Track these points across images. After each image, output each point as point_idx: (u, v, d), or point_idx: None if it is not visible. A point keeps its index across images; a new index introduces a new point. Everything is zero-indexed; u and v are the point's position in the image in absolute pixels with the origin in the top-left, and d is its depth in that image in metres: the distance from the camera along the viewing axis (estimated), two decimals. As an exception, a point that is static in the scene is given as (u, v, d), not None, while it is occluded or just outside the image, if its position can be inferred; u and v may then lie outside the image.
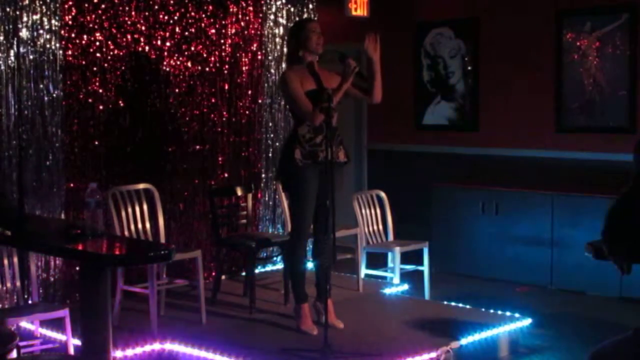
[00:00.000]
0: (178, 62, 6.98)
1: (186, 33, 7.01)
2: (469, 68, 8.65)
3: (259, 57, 7.56)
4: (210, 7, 7.16)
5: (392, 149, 9.25)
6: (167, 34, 6.88)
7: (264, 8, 7.56)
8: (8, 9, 5.85)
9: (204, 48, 7.14)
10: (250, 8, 7.48)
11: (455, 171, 8.66)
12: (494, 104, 8.49)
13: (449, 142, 8.83)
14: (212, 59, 7.21)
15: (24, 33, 5.94)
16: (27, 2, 5.93)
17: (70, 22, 6.29)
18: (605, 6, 7.68)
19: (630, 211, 3.33)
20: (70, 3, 6.28)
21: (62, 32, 6.20)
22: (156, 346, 5.40)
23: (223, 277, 6.72)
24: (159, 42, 6.84)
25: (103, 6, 6.46)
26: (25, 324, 5.54)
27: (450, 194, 8.41)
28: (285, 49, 7.66)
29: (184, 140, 7.06)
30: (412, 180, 8.93)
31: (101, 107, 6.52)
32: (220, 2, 7.24)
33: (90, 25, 6.41)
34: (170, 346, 5.40)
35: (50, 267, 6.14)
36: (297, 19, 7.73)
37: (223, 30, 7.28)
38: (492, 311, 6.14)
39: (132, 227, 6.05)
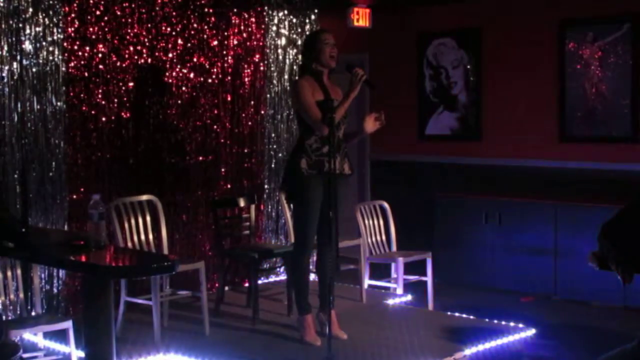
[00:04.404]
0: (180, 74, 6.99)
1: (188, 44, 7.02)
2: (472, 78, 8.66)
3: (262, 68, 7.58)
4: (213, 19, 7.18)
5: (395, 160, 9.25)
6: (170, 45, 6.90)
7: (266, 19, 7.58)
8: (11, 21, 5.87)
9: (206, 59, 7.16)
10: (253, 19, 7.50)
11: (459, 181, 8.65)
12: (496, 114, 8.49)
13: (451, 152, 8.83)
14: (215, 70, 7.23)
15: (27, 45, 5.95)
16: (30, 14, 5.95)
17: (73, 34, 6.30)
18: (607, 16, 7.69)
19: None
20: (73, 15, 6.30)
21: (65, 44, 6.22)
22: (159, 357, 5.39)
23: (226, 288, 6.71)
24: (161, 54, 6.85)
25: (106, 18, 6.48)
26: (28, 335, 5.54)
27: (453, 204, 8.40)
28: (287, 60, 7.70)
29: (187, 151, 7.07)
30: (415, 191, 8.93)
31: (104, 119, 6.52)
32: (223, 13, 7.26)
33: (93, 37, 6.42)
34: (174, 357, 5.39)
35: (53, 279, 6.14)
36: (299, 29, 7.76)
37: (225, 42, 7.29)
38: (496, 321, 6.12)
39: (135, 238, 6.05)
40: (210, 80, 7.20)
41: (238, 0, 7.34)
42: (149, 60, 6.79)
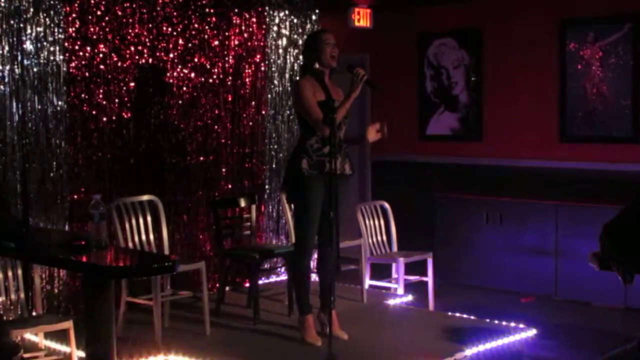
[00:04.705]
0: (181, 74, 6.99)
1: (189, 45, 7.02)
2: (473, 78, 8.66)
3: (263, 68, 7.58)
4: (214, 19, 7.18)
5: (395, 160, 9.25)
6: (171, 45, 6.90)
7: (267, 19, 7.58)
8: (12, 22, 5.87)
9: (207, 59, 7.16)
10: (254, 19, 7.50)
11: (459, 181, 8.65)
12: (497, 114, 8.49)
13: (452, 152, 8.83)
14: (216, 70, 7.23)
15: (28, 45, 5.96)
16: (30, 14, 5.95)
17: (74, 34, 6.30)
18: (608, 16, 7.68)
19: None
20: (74, 15, 6.30)
21: (66, 44, 6.22)
22: (160, 358, 5.39)
23: (227, 288, 6.71)
24: (162, 54, 6.86)
25: (107, 18, 6.48)
26: (29, 335, 5.54)
27: (454, 204, 8.40)
28: (288, 60, 7.70)
29: (188, 151, 7.07)
30: (416, 191, 8.92)
31: (105, 119, 6.53)
32: (224, 13, 7.26)
33: (94, 37, 6.42)
34: (174, 358, 5.39)
35: (54, 279, 6.14)
36: (300, 30, 7.76)
37: (226, 42, 7.29)
38: (496, 322, 6.12)
39: (136, 238, 6.05)
40: (211, 81, 7.20)
41: (239, 1, 7.34)
42: (150, 60, 6.79)
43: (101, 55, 6.47)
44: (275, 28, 7.64)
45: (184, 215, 7.05)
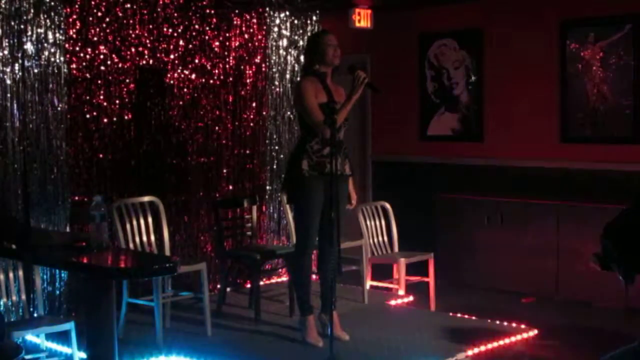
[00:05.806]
0: (182, 75, 7.00)
1: (190, 46, 7.03)
2: (473, 79, 8.66)
3: (263, 69, 7.58)
4: (214, 20, 7.18)
5: (396, 160, 9.25)
6: (172, 46, 6.91)
7: (268, 20, 7.58)
8: (13, 23, 5.87)
9: (208, 60, 7.16)
10: (254, 20, 7.50)
11: (460, 182, 8.65)
12: (498, 114, 8.48)
13: (453, 152, 8.82)
14: (216, 71, 7.23)
15: (29, 47, 5.96)
16: (31, 15, 5.95)
17: (74, 36, 6.31)
18: (608, 17, 7.68)
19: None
20: (75, 16, 6.30)
21: (67, 45, 6.22)
22: (161, 359, 5.39)
23: (228, 289, 6.72)
24: (163, 55, 6.86)
25: (107, 19, 6.49)
26: (31, 337, 5.54)
27: (454, 204, 8.40)
28: (289, 61, 7.70)
29: (189, 152, 7.07)
30: (417, 191, 8.92)
31: (106, 120, 6.53)
32: (224, 14, 7.26)
33: (95, 38, 6.43)
34: (176, 358, 5.39)
35: (55, 280, 6.14)
36: (300, 31, 7.76)
37: (227, 43, 7.30)
38: (498, 322, 6.12)
39: (137, 239, 6.05)
40: (211, 82, 7.21)
41: (240, 2, 7.35)
42: (151, 61, 6.79)
43: (102, 57, 6.48)
44: (275, 29, 7.64)
45: (184, 216, 7.06)
